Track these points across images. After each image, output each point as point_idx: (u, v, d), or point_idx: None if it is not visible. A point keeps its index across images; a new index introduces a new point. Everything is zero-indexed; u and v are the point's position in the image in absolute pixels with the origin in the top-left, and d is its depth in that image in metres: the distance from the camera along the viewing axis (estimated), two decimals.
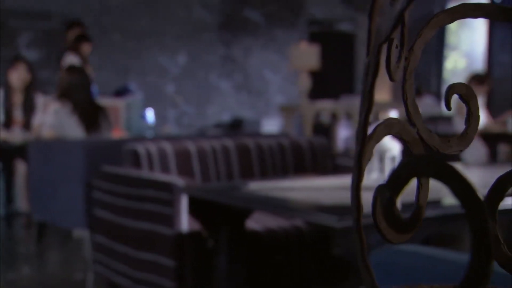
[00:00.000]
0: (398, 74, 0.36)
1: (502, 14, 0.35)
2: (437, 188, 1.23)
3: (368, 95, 0.32)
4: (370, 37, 0.33)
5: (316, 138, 3.06)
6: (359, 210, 0.35)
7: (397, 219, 0.32)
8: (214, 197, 1.87)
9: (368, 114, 0.32)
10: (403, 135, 0.36)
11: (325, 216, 1.46)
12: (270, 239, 2.24)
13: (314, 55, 5.86)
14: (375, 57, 0.32)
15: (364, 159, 0.33)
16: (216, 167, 2.73)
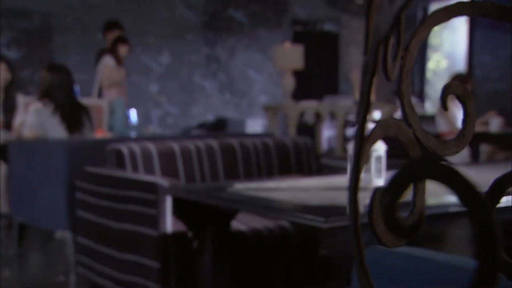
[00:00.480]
0: (394, 73, 0.35)
1: (498, 12, 0.35)
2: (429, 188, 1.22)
3: (366, 95, 0.31)
4: (368, 35, 0.32)
5: (301, 138, 3.05)
6: (357, 213, 0.34)
7: (398, 224, 0.31)
8: (199, 198, 1.85)
9: (366, 114, 0.31)
10: (400, 136, 0.35)
11: (311, 217, 1.45)
12: (256, 239, 2.23)
13: (298, 55, 5.87)
14: (373, 56, 0.31)
15: (362, 160, 0.32)
16: (200, 167, 2.72)
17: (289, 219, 1.53)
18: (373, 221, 0.33)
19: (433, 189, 1.77)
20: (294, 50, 5.90)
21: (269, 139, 2.97)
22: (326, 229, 1.42)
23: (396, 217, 0.31)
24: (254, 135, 3.10)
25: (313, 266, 2.32)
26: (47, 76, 3.60)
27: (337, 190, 1.84)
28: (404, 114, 0.36)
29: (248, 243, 2.23)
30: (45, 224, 3.28)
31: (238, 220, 2.26)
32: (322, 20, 9.51)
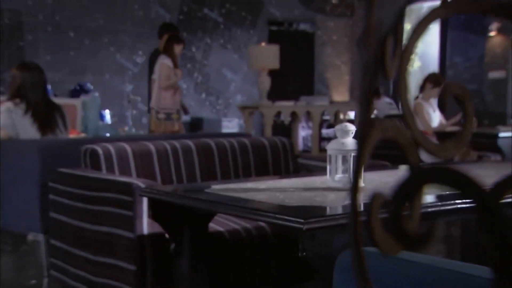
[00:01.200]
0: (393, 72, 0.34)
1: (497, 10, 0.33)
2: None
3: (366, 96, 0.29)
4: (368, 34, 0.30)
5: (278, 138, 3.04)
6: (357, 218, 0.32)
7: (405, 233, 0.29)
8: (176, 200, 1.82)
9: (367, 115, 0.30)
10: (398, 138, 0.33)
11: (291, 219, 1.44)
12: (234, 240, 2.21)
13: (274, 55, 5.86)
14: (375, 54, 0.29)
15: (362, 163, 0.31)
16: (177, 168, 2.68)
17: (268, 221, 1.52)
18: (372, 227, 0.31)
19: None
20: (270, 49, 5.89)
21: (246, 139, 2.95)
22: (306, 230, 1.40)
23: (403, 226, 0.29)
24: (231, 135, 3.08)
25: (292, 267, 2.31)
26: (18, 75, 3.52)
27: (316, 190, 1.83)
28: (403, 116, 0.34)
29: (226, 245, 2.20)
30: (17, 226, 3.20)
31: (215, 221, 2.23)
32: (298, 20, 9.53)
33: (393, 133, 0.34)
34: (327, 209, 1.59)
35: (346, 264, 1.17)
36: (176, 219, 1.98)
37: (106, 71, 7.87)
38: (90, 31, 7.69)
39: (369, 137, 0.31)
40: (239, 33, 8.89)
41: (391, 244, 0.32)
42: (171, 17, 8.29)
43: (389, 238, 0.31)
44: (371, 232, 0.32)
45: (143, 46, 8.07)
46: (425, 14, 0.34)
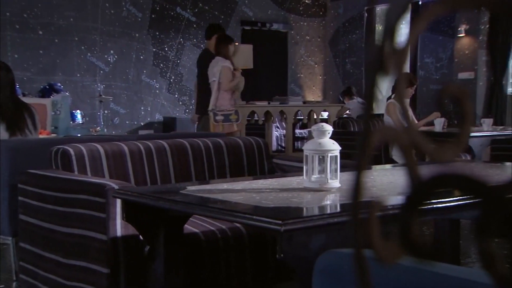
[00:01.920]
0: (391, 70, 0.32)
1: (496, 6, 0.32)
2: (376, 188, 1.21)
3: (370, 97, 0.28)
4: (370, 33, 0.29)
5: (253, 138, 3.02)
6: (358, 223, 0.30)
7: (417, 245, 0.28)
8: (150, 201, 1.79)
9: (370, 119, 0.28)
10: (397, 141, 0.32)
11: (268, 220, 1.42)
12: (209, 242, 2.18)
13: (248, 55, 5.84)
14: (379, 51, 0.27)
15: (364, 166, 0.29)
16: (151, 169, 2.64)
17: (245, 222, 1.50)
18: (371, 236, 0.30)
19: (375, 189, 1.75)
20: (244, 49, 5.87)
21: (220, 139, 2.93)
22: (284, 232, 1.39)
23: (416, 237, 0.28)
24: (205, 135, 3.05)
25: (268, 269, 2.30)
26: None
27: (293, 191, 1.82)
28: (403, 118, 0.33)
29: (201, 246, 2.18)
30: None
31: (190, 222, 2.20)
32: (271, 19, 9.53)
33: (391, 136, 0.32)
34: (304, 210, 1.58)
35: (325, 266, 1.16)
36: (150, 221, 1.95)
37: (77, 70, 7.74)
38: (60, 29, 7.56)
39: (371, 141, 0.29)
40: None
41: (390, 253, 0.30)
42: (143, 16, 8.20)
43: (389, 247, 0.29)
44: (369, 241, 0.30)
45: (115, 45, 7.97)
46: (423, 11, 0.33)
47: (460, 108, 0.36)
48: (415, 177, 0.31)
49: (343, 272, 1.17)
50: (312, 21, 9.98)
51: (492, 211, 0.23)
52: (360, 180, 0.30)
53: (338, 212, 1.50)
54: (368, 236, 0.30)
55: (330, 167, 1.78)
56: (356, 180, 0.30)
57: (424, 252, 0.30)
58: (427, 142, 0.32)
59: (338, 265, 1.21)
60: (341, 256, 1.19)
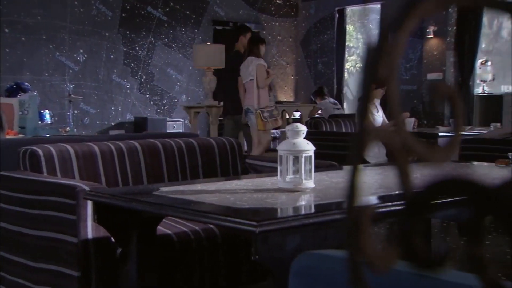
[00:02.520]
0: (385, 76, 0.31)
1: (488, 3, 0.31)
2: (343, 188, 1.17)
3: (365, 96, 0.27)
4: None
5: (226, 138, 3.01)
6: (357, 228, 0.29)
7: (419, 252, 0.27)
8: (122, 203, 1.76)
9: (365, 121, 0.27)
10: (388, 142, 0.31)
11: (243, 221, 1.41)
12: (182, 243, 2.16)
13: (219, 54, 5.82)
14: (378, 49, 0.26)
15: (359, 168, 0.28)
16: (122, 169, 2.60)
17: (220, 224, 1.48)
18: (364, 242, 0.29)
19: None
20: (215, 49, 5.85)
21: (193, 140, 2.90)
22: (259, 233, 1.38)
23: (418, 245, 0.27)
24: (177, 135, 3.01)
25: (242, 270, 2.28)
26: None
27: (267, 191, 1.81)
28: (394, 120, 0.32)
29: (174, 248, 2.15)
30: None
31: (163, 224, 2.18)
32: (242, 19, 9.52)
33: (384, 138, 0.31)
34: (279, 210, 1.57)
35: (302, 267, 1.15)
36: (122, 223, 1.92)
37: (45, 69, 7.60)
38: (27, 27, 7.41)
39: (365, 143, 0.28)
40: (183, 32, 8.79)
41: (383, 261, 0.29)
42: (113, 15, 8.10)
43: (381, 254, 0.28)
44: (362, 247, 0.29)
45: (84, 44, 7.85)
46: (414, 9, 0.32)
47: (452, 108, 0.35)
48: (406, 179, 0.30)
49: (320, 273, 1.17)
50: (284, 21, 10.00)
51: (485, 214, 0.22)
52: (356, 182, 0.29)
53: (313, 212, 1.49)
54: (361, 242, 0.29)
55: (304, 167, 1.78)
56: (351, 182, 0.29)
57: (427, 262, 0.29)
58: (418, 143, 0.32)
59: (314, 267, 1.20)
60: (317, 258, 1.19)
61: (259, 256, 1.40)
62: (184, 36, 8.80)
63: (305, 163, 1.78)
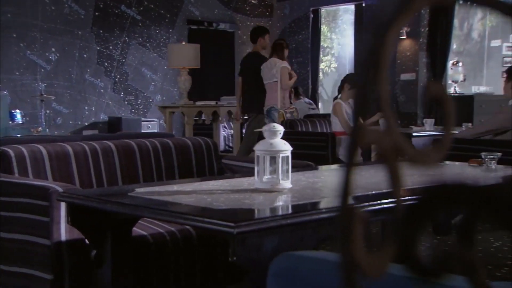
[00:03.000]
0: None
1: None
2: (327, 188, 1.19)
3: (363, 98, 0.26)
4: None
5: (202, 138, 2.99)
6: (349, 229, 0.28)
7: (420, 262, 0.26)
8: (98, 204, 1.73)
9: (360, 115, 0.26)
10: (379, 144, 0.30)
11: (220, 222, 1.40)
12: (158, 245, 2.13)
13: (194, 54, 5.78)
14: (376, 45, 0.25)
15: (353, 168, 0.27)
16: (96, 170, 2.56)
17: (197, 225, 1.46)
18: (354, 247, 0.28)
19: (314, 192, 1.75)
20: (190, 48, 5.81)
21: (169, 140, 2.87)
22: (237, 234, 1.37)
23: (419, 254, 0.26)
24: (153, 135, 2.98)
25: (219, 270, 2.27)
26: None
27: (244, 192, 1.80)
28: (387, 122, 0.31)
29: (150, 249, 2.13)
30: None
31: (138, 225, 2.15)
32: (217, 19, 9.49)
33: (375, 139, 0.30)
34: (257, 211, 1.56)
35: (280, 268, 1.14)
36: (97, 225, 1.88)
37: (16, 68, 7.46)
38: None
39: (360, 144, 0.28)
40: (158, 32, 8.73)
41: (375, 266, 0.28)
42: (86, 13, 7.99)
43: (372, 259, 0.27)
44: (352, 253, 0.28)
45: (56, 43, 7.73)
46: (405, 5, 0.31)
47: (442, 108, 0.34)
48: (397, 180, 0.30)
49: (298, 274, 1.16)
50: (259, 21, 10.00)
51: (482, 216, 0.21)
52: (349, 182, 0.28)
53: (290, 213, 1.49)
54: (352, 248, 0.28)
55: (281, 167, 1.78)
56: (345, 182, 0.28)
57: (429, 270, 0.28)
58: (409, 145, 0.31)
59: (293, 268, 1.20)
60: (296, 259, 1.18)
61: (236, 257, 1.39)
62: (158, 35, 8.74)
63: (282, 164, 1.78)
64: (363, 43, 1.17)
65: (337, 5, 10.15)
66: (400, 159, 0.32)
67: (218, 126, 6.12)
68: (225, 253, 2.32)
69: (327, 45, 11.84)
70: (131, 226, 1.93)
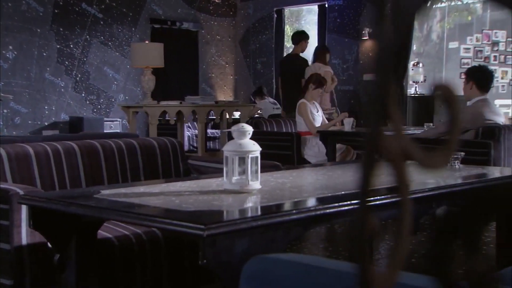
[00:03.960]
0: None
1: None
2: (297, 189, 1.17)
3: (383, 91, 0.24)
4: None
5: (167, 138, 2.94)
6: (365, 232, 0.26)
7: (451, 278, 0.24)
8: (62, 207, 1.67)
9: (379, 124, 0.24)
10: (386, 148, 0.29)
11: (190, 225, 1.37)
12: (123, 247, 2.08)
13: (158, 53, 5.71)
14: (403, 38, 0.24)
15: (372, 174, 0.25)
16: (59, 172, 2.49)
17: (166, 228, 1.43)
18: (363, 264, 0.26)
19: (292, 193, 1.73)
20: (154, 48, 5.73)
21: (133, 140, 2.82)
22: (207, 236, 1.34)
23: (453, 270, 0.24)
24: (117, 135, 2.92)
25: (186, 272, 2.23)
26: None
27: (213, 193, 1.77)
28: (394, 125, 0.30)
29: (115, 252, 2.07)
30: None
31: (103, 227, 2.09)
32: (181, 18, 9.41)
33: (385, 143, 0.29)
34: (227, 213, 1.54)
35: (253, 272, 1.12)
36: (61, 228, 1.82)
37: None
38: None
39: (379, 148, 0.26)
40: (120, 30, 8.59)
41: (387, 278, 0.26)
42: (45, 11, 7.80)
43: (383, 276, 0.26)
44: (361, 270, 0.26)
45: (14, 41, 7.52)
46: None
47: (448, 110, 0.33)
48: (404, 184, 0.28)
49: (271, 277, 1.15)
50: (223, 20, 9.96)
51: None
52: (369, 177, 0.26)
53: (261, 215, 1.47)
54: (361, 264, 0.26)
55: (250, 168, 1.76)
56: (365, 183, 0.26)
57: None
58: (417, 149, 0.29)
59: (266, 271, 1.18)
60: (269, 262, 1.16)
61: (206, 260, 1.37)
62: (121, 34, 8.60)
63: (251, 164, 1.76)
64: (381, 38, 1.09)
65: (301, 6, 10.20)
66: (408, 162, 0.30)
67: (183, 126, 6.06)
68: (192, 255, 2.29)
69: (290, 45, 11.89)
70: (96, 229, 1.88)
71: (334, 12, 8.91)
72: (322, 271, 1.14)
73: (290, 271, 1.16)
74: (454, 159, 2.34)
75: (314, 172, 2.28)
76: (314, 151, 5.17)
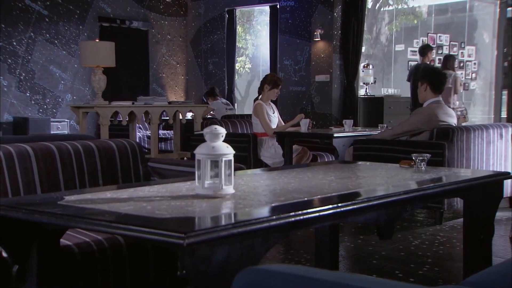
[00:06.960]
0: None
1: None
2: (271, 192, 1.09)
3: None
4: None
5: (126, 140, 2.83)
6: None
7: None
8: (22, 215, 1.55)
9: None
10: None
11: (168, 234, 1.29)
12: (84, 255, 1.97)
13: (109, 52, 5.54)
14: None
15: None
16: (12, 176, 2.34)
17: (141, 236, 1.35)
18: None
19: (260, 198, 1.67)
20: (105, 46, 5.55)
21: (91, 142, 2.70)
22: (187, 245, 1.27)
23: None
24: (73, 137, 2.78)
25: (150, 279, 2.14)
26: None
27: (185, 198, 1.70)
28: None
29: (76, 260, 1.96)
30: None
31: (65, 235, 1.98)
32: (130, 17, 9.20)
33: None
34: (204, 220, 1.47)
35: (245, 284, 1.06)
36: (19, 237, 1.70)
37: None
38: None
39: None
40: (67, 28, 8.31)
41: None
42: None
43: None
44: None
45: None
46: None
47: None
48: None
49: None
50: (173, 20, 9.82)
51: None
52: None
53: (241, 221, 1.41)
54: None
55: (224, 172, 1.69)
56: None
57: None
58: None
59: (258, 283, 1.12)
60: (261, 273, 1.10)
61: (186, 270, 1.29)
62: (67, 32, 8.33)
63: (225, 168, 1.70)
64: None
65: (252, 6, 10.18)
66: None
67: (135, 127, 5.91)
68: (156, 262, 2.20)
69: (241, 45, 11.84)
70: (58, 237, 1.77)
71: (285, 13, 8.93)
72: (316, 283, 1.09)
73: (282, 282, 1.10)
74: (420, 161, 2.35)
75: (284, 175, 2.24)
76: (270, 152, 5.14)
